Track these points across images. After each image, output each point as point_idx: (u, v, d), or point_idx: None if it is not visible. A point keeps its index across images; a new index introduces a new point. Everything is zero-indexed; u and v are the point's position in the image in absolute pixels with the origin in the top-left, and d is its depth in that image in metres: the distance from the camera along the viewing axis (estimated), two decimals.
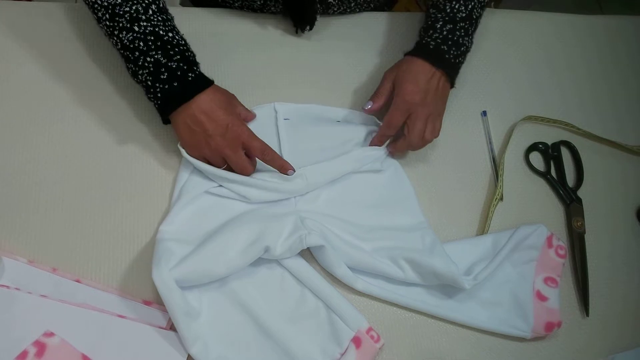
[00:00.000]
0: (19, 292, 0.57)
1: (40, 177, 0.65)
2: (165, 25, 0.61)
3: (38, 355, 0.54)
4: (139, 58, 0.60)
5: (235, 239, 0.60)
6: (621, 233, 0.73)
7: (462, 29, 0.68)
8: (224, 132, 0.61)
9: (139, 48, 0.59)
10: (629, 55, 0.88)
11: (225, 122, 0.61)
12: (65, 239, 0.62)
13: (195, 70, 0.61)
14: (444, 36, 0.67)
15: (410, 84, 0.66)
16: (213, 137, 0.61)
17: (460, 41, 0.68)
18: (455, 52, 0.68)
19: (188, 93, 0.60)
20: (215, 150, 0.61)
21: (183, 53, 0.61)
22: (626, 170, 0.78)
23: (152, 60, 0.59)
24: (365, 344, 0.59)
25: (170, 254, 0.58)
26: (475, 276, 0.63)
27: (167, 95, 0.60)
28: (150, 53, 0.59)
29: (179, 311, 0.55)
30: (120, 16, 0.59)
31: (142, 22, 0.60)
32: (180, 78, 0.60)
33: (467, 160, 0.75)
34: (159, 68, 0.59)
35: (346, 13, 0.83)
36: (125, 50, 0.60)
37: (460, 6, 0.68)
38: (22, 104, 0.68)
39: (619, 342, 0.66)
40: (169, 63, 0.60)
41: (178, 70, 0.60)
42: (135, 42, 0.59)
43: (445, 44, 0.67)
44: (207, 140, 0.61)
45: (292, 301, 0.61)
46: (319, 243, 0.61)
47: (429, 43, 0.68)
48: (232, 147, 0.61)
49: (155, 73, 0.59)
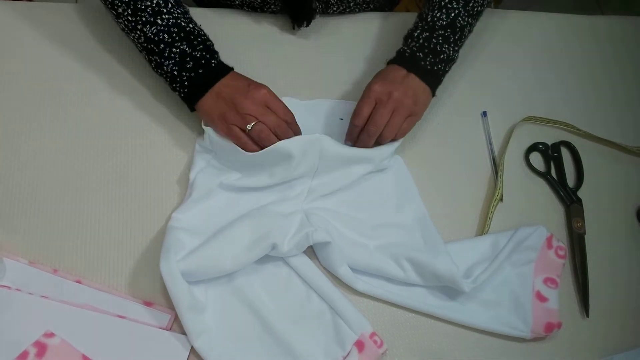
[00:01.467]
0: (19, 293, 0.57)
1: (41, 178, 0.65)
2: (185, 17, 0.64)
3: (38, 356, 0.54)
4: (164, 50, 0.62)
5: (242, 234, 0.60)
6: (621, 234, 0.73)
7: (441, 36, 0.69)
8: (246, 92, 0.63)
9: (164, 40, 0.62)
10: (630, 56, 0.88)
11: (246, 83, 0.64)
12: (66, 240, 0.62)
13: (217, 58, 0.65)
14: (420, 44, 0.68)
15: (378, 79, 0.67)
16: (238, 100, 0.62)
17: (439, 49, 0.68)
18: (432, 60, 0.68)
19: (213, 78, 0.63)
20: (242, 109, 0.62)
21: (205, 42, 0.65)
22: (626, 171, 0.78)
23: (177, 51, 0.62)
24: (368, 348, 0.59)
25: (179, 245, 0.59)
26: (474, 279, 0.63)
27: (193, 82, 0.63)
28: (175, 44, 0.62)
29: (184, 304, 0.56)
30: (143, 10, 0.62)
31: (165, 15, 0.63)
32: (204, 65, 0.63)
33: (467, 160, 0.75)
34: (184, 58, 0.62)
35: (345, 13, 0.83)
36: (149, 44, 0.63)
37: (441, 14, 0.69)
38: (22, 103, 0.68)
39: (619, 342, 0.66)
40: (193, 52, 0.63)
41: (202, 59, 0.63)
42: (160, 34, 0.62)
43: (421, 51, 0.68)
44: (233, 105, 0.62)
45: (297, 302, 0.61)
46: (325, 239, 0.61)
47: (405, 51, 0.69)
48: (257, 104, 0.63)
49: (181, 63, 0.62)
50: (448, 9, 0.69)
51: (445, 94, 0.78)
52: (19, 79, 0.70)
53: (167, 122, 0.70)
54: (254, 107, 0.62)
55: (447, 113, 0.77)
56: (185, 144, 0.69)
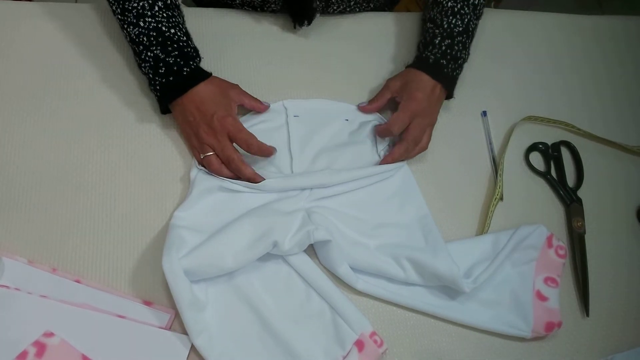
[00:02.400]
0: (18, 292, 0.57)
1: (40, 177, 0.65)
2: (169, 22, 0.64)
3: (38, 356, 0.54)
4: (142, 52, 0.64)
5: (243, 232, 0.60)
6: (621, 233, 0.73)
7: (460, 43, 0.71)
8: (209, 121, 0.63)
9: (143, 43, 0.63)
10: (630, 55, 0.88)
11: (211, 111, 0.63)
12: (65, 239, 0.62)
13: (192, 65, 0.64)
14: (442, 51, 0.70)
15: (420, 92, 0.69)
16: (200, 126, 0.63)
17: (458, 55, 0.71)
18: (453, 66, 0.70)
19: (182, 86, 0.64)
20: (202, 139, 0.63)
21: (182, 49, 0.64)
22: (626, 170, 0.78)
23: (152, 55, 0.63)
24: (368, 347, 0.59)
25: (182, 242, 0.59)
26: (475, 279, 0.63)
27: (164, 88, 0.64)
28: (151, 48, 0.63)
29: (185, 301, 0.56)
30: (129, 11, 0.64)
31: (148, 18, 0.63)
32: (176, 72, 0.63)
33: (467, 160, 0.75)
34: (157, 62, 0.63)
35: (346, 12, 0.83)
36: (132, 44, 0.65)
37: (457, 21, 0.70)
38: (22, 103, 0.68)
39: (619, 342, 0.66)
40: (167, 58, 0.63)
41: (175, 65, 0.63)
42: (140, 37, 0.63)
43: (444, 58, 0.70)
44: (195, 130, 0.64)
45: (298, 301, 0.61)
46: (326, 238, 0.61)
47: (429, 57, 0.70)
48: (217, 136, 0.63)
49: (155, 67, 0.63)
50: (462, 14, 0.71)
51: None
52: (18, 78, 0.70)
53: (167, 120, 0.70)
54: (212, 139, 0.63)
55: (447, 113, 0.77)
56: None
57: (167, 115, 0.70)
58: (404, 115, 0.68)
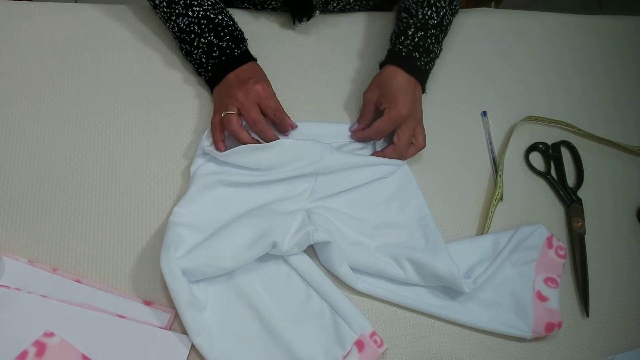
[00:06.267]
0: (19, 292, 0.57)
1: (40, 177, 0.65)
2: (215, 9, 0.68)
3: (38, 355, 0.54)
4: (194, 40, 0.67)
5: (242, 232, 0.60)
6: (621, 234, 0.73)
7: (433, 36, 0.70)
8: (244, 83, 0.66)
9: (194, 31, 0.67)
10: (630, 55, 0.87)
11: (249, 76, 0.66)
12: (65, 239, 0.62)
13: (242, 47, 0.69)
14: (415, 43, 0.69)
15: (400, 96, 0.67)
16: (233, 86, 0.66)
17: (430, 48, 0.70)
18: (425, 59, 0.70)
19: (232, 65, 0.67)
20: (232, 96, 0.65)
21: (232, 33, 0.68)
22: (626, 170, 0.78)
23: (205, 42, 0.67)
24: (368, 348, 0.59)
25: (179, 241, 0.59)
26: (475, 280, 0.63)
27: (216, 68, 0.67)
28: (204, 35, 0.67)
29: (184, 301, 0.56)
30: (176, 3, 0.67)
31: (195, 7, 0.67)
32: (229, 55, 0.67)
33: (467, 160, 0.75)
34: (211, 47, 0.67)
35: (345, 10, 0.83)
36: (181, 33, 0.68)
37: (432, 13, 0.70)
38: (22, 103, 0.68)
39: (619, 342, 0.66)
40: (220, 43, 0.67)
41: (227, 49, 0.67)
42: (191, 26, 0.67)
43: (416, 50, 0.69)
44: (227, 90, 0.66)
45: (298, 301, 0.61)
46: (326, 239, 0.61)
47: (401, 50, 0.70)
48: (248, 96, 0.65)
49: (208, 52, 0.67)
50: (437, 7, 0.70)
51: (445, 94, 0.78)
52: (18, 78, 0.70)
53: (167, 118, 0.70)
54: (241, 99, 0.64)
55: (447, 113, 0.77)
56: (187, 139, 0.69)
57: (167, 115, 0.70)
58: (388, 123, 0.67)
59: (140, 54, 0.74)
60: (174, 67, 0.74)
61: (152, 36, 0.75)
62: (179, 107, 0.71)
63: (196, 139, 0.69)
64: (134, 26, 0.76)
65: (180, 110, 0.71)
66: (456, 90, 0.77)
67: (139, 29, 0.75)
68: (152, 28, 0.76)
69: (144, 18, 0.76)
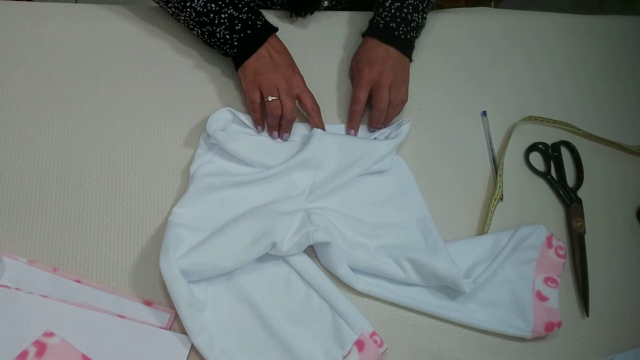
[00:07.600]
0: (19, 292, 0.57)
1: (40, 177, 0.65)
2: None
3: (38, 355, 0.54)
4: (214, 18, 0.67)
5: (242, 233, 0.60)
6: (621, 233, 0.73)
7: (411, 5, 0.72)
8: (290, 72, 0.68)
9: (212, 9, 0.66)
10: (629, 56, 0.88)
11: (292, 64, 0.69)
12: (65, 239, 0.62)
13: (261, 18, 0.69)
14: (392, 14, 0.71)
15: (364, 62, 0.71)
16: (280, 67, 0.67)
17: (410, 17, 0.72)
18: (404, 29, 0.71)
19: (260, 37, 0.68)
20: (278, 76, 0.67)
21: (248, 4, 0.68)
22: (626, 170, 0.78)
23: (226, 16, 0.67)
24: (368, 347, 0.59)
25: (179, 241, 0.59)
26: (474, 279, 0.63)
27: (242, 43, 0.67)
28: (223, 9, 0.66)
29: (184, 301, 0.56)
30: None
31: None
32: (251, 27, 0.67)
33: (467, 160, 0.75)
34: (233, 21, 0.67)
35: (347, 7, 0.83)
36: (200, 17, 0.67)
37: None
38: (23, 103, 0.68)
39: (619, 342, 0.66)
40: (240, 15, 0.67)
41: (249, 20, 0.67)
42: (208, 5, 0.66)
43: (393, 21, 0.71)
44: (274, 67, 0.67)
45: (298, 301, 0.61)
46: (325, 239, 0.61)
47: (379, 22, 0.72)
48: (290, 84, 0.67)
49: (231, 26, 0.67)
50: None
51: (445, 94, 0.78)
52: (18, 78, 0.70)
53: (167, 118, 0.70)
54: (286, 87, 0.67)
55: (447, 113, 0.77)
56: (187, 138, 0.69)
57: (166, 114, 0.70)
58: (359, 90, 0.70)
59: (140, 54, 0.74)
60: (174, 67, 0.74)
61: (152, 36, 0.75)
62: (179, 107, 0.71)
63: (196, 139, 0.69)
64: (134, 26, 0.76)
65: (180, 110, 0.71)
66: (456, 90, 0.77)
67: (139, 29, 0.75)
68: (153, 28, 0.76)
69: (144, 18, 0.76)
